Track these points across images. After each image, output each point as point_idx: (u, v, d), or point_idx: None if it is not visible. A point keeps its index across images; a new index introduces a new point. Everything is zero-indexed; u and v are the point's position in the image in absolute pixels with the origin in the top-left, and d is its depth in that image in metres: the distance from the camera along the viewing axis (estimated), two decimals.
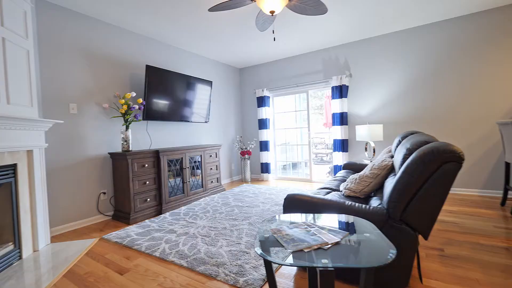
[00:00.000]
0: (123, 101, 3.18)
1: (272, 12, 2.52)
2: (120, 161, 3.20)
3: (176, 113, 4.09)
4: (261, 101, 5.50)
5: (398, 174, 1.49)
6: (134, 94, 3.31)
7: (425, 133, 2.06)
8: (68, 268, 2.06)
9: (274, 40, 2.50)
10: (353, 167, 3.37)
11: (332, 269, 0.99)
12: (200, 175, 4.21)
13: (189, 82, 4.25)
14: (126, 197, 3.16)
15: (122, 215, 3.19)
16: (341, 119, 4.58)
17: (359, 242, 1.17)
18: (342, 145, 4.59)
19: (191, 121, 4.41)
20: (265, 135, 5.50)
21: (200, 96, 4.52)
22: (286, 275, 1.83)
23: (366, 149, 3.98)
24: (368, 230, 1.30)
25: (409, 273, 1.48)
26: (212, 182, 4.46)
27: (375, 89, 4.31)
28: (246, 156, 5.47)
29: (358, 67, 4.45)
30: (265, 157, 5.51)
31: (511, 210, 2.74)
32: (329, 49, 4.74)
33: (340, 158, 4.63)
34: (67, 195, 2.94)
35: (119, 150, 3.48)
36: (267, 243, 1.22)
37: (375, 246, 1.12)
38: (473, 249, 2.05)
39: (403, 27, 3.94)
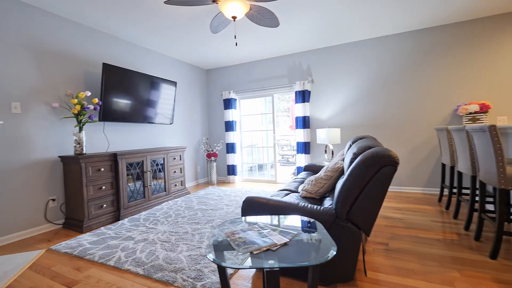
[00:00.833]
0: (75, 100, 2.97)
1: (234, 17, 2.56)
2: (72, 165, 2.99)
3: (138, 115, 3.93)
4: (228, 103, 5.51)
5: (345, 177, 1.62)
6: (89, 93, 3.11)
7: (372, 138, 2.25)
8: (6, 284, 1.87)
9: (236, 45, 2.54)
10: (313, 169, 3.55)
11: (278, 269, 1.05)
12: (163, 179, 4.09)
13: (152, 82, 4.10)
14: (79, 203, 2.96)
15: (74, 223, 2.98)
16: (304, 122, 4.78)
17: (306, 241, 1.25)
18: (304, 148, 4.79)
19: (155, 123, 4.26)
20: (231, 137, 5.51)
21: (164, 97, 4.39)
22: (244, 276, 1.87)
23: (325, 151, 4.21)
24: (316, 230, 1.39)
25: (354, 268, 1.61)
26: (176, 185, 4.35)
27: (334, 95, 4.58)
28: (212, 158, 5.43)
29: (320, 73, 4.69)
30: (232, 159, 5.53)
31: (446, 205, 3.11)
32: (293, 55, 4.92)
33: (303, 160, 4.82)
34: (8, 203, 2.65)
35: (72, 153, 3.24)
36: (220, 247, 1.25)
37: (319, 245, 1.21)
38: (413, 242, 2.29)
39: (359, 38, 4.25)
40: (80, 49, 3.35)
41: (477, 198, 3.04)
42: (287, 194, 2.46)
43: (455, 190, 3.59)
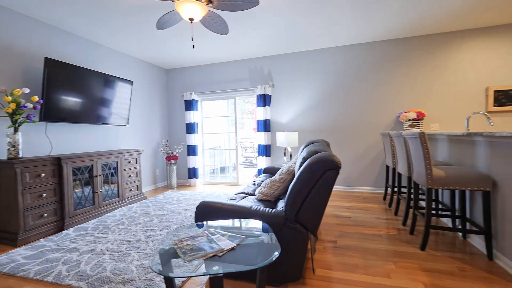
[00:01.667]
0: (9, 98, 2.65)
1: (191, 19, 2.53)
2: (4, 170, 2.65)
3: (90, 115, 3.64)
4: (189, 105, 5.39)
5: (294, 180, 1.70)
6: (27, 90, 2.79)
7: (322, 142, 2.39)
8: None
9: (194, 47, 2.51)
10: (272, 171, 3.64)
11: (221, 274, 1.06)
12: (116, 183, 3.84)
13: (106, 80, 3.83)
14: (12, 213, 2.63)
15: (6, 236, 2.64)
16: (265, 125, 4.88)
17: (252, 245, 1.29)
18: (265, 150, 4.89)
19: (109, 124, 3.98)
20: (193, 139, 5.40)
21: (120, 95, 4.13)
22: (197, 282, 1.84)
23: (285, 154, 4.35)
24: (264, 233, 1.43)
25: (302, 267, 1.70)
26: (131, 190, 4.12)
27: (293, 100, 4.77)
28: (172, 161, 5.26)
29: (280, 78, 4.84)
30: (193, 161, 5.41)
31: (388, 203, 3.43)
32: (254, 59, 5.00)
33: (264, 162, 4.92)
34: None
35: (4, 157, 2.88)
36: (167, 256, 1.22)
37: (264, 248, 1.26)
38: (359, 239, 2.49)
39: (316, 47, 4.49)
40: (18, 41, 3.00)
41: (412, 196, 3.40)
42: (244, 198, 2.49)
43: (396, 189, 3.98)
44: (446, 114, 3.93)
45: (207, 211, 1.88)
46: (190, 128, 5.40)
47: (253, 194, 2.65)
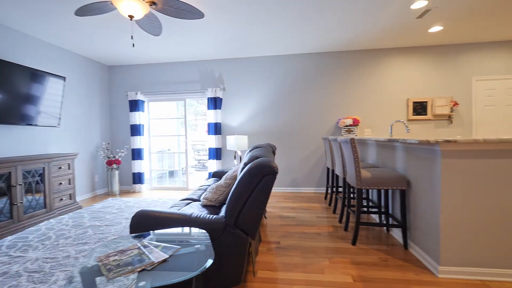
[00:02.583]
0: None
1: (130, 17, 2.38)
2: None
3: (10, 114, 3.13)
4: (135, 105, 5.04)
5: (234, 186, 1.73)
6: None
7: (266, 147, 2.48)
8: None
9: (134, 46, 2.36)
10: (221, 175, 3.62)
11: None
12: (43, 192, 3.38)
13: (32, 75, 3.35)
14: None
15: None
16: (216, 128, 4.85)
17: (186, 255, 1.27)
18: (216, 153, 4.85)
19: (36, 125, 3.48)
20: (138, 142, 5.06)
21: (50, 92, 3.65)
22: None
23: (235, 157, 4.38)
24: (200, 242, 1.42)
25: (243, 271, 1.72)
26: (62, 199, 3.67)
27: (244, 104, 4.84)
28: (114, 165, 4.84)
29: (231, 82, 4.87)
30: (138, 166, 5.07)
31: (328, 202, 3.72)
32: (205, 61, 4.93)
33: (214, 166, 4.88)
34: None
35: None
36: (89, 275, 1.12)
37: (198, 257, 1.25)
38: (300, 238, 2.64)
39: (266, 54, 4.64)
40: None
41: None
42: (188, 204, 2.43)
43: (334, 190, 4.33)
44: (376, 121, 4.45)
45: (144, 221, 1.78)
46: (135, 130, 5.05)
47: (198, 200, 2.60)
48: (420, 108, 4.26)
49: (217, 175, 3.65)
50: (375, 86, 4.44)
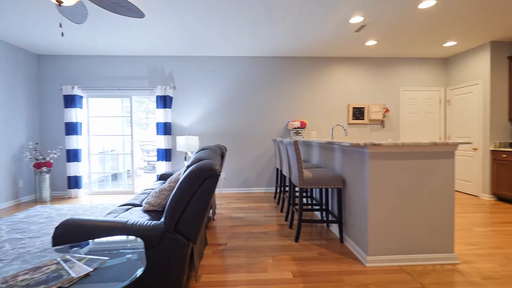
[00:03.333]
0: None
1: (59, 2, 2.12)
2: None
3: None
4: (71, 101, 4.51)
5: (174, 189, 1.67)
6: None
7: (213, 149, 2.45)
8: None
9: (62, 35, 2.11)
10: (168, 178, 3.48)
11: None
12: None
13: None
14: None
15: None
16: (165, 128, 4.63)
17: (114, 266, 1.18)
18: (165, 155, 4.64)
19: None
20: (75, 142, 4.55)
21: None
22: None
23: (185, 158, 4.25)
24: (133, 250, 1.34)
25: (183, 277, 1.68)
26: None
27: (196, 103, 4.72)
28: (44, 168, 4.27)
29: (182, 80, 4.71)
30: (75, 169, 4.56)
31: (277, 201, 3.86)
32: (154, 57, 4.68)
33: (163, 168, 4.65)
34: None
35: None
36: None
37: (128, 267, 1.17)
38: (247, 238, 2.68)
39: (218, 54, 4.60)
40: None
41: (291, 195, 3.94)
42: (127, 210, 2.27)
43: (282, 189, 4.53)
44: (322, 124, 4.77)
45: (72, 232, 1.61)
46: (71, 128, 4.53)
47: (140, 205, 2.45)
48: (358, 113, 4.70)
49: (165, 177, 3.49)
50: (321, 92, 4.76)
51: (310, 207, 3.55)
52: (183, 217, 1.64)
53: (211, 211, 3.10)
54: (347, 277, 1.94)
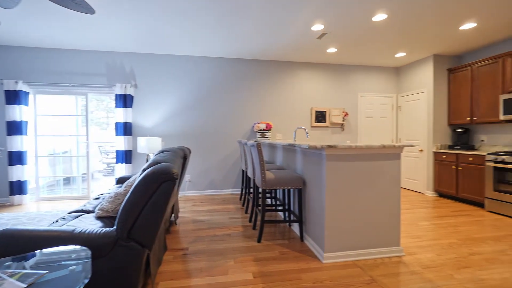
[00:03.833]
0: None
1: None
2: None
3: None
4: (14, 97, 4.06)
5: (128, 194, 1.59)
6: None
7: (174, 151, 2.39)
8: None
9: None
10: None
11: None
12: None
13: None
14: None
15: None
16: (125, 129, 4.39)
17: (54, 280, 1.09)
18: (125, 157, 4.39)
19: None
20: (19, 143, 4.10)
21: None
22: None
23: (147, 161, 4.06)
24: (79, 261, 1.25)
25: (137, 286, 1.60)
26: None
27: (159, 103, 4.55)
28: None
29: (145, 79, 4.50)
30: (19, 172, 4.10)
31: (242, 203, 3.87)
32: (114, 53, 4.41)
33: (123, 170, 4.40)
34: None
35: None
36: None
37: (69, 281, 1.09)
38: (210, 241, 2.65)
39: (184, 53, 4.49)
40: None
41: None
42: (77, 217, 2.11)
43: (247, 190, 4.57)
44: (287, 126, 4.91)
45: (9, 243, 1.45)
46: (15, 128, 4.07)
47: (93, 211, 2.29)
48: (320, 116, 4.93)
49: (123, 181, 3.30)
50: (286, 95, 4.89)
51: (274, 207, 3.63)
52: (137, 223, 1.57)
53: (173, 215, 3.00)
54: (305, 274, 2.02)
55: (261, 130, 4.46)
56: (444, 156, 4.26)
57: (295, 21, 3.26)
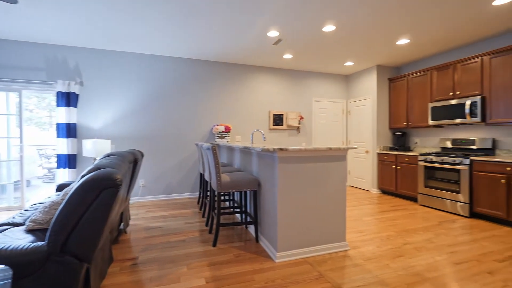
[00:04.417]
0: None
1: None
2: None
3: None
4: None
5: (62, 204, 1.45)
6: None
7: (121, 154, 2.24)
8: None
9: None
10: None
11: None
12: None
13: None
14: None
15: None
16: (68, 130, 3.98)
17: None
18: (68, 161, 3.99)
19: None
20: None
21: None
22: None
23: None
24: None
25: None
26: None
27: (109, 103, 4.23)
28: None
29: (92, 76, 4.15)
30: None
31: (200, 207, 3.80)
32: (55, 46, 3.98)
33: (66, 176, 3.99)
34: None
35: None
36: None
37: None
38: (163, 249, 2.54)
39: (137, 51, 4.25)
40: None
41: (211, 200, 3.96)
42: (4, 230, 1.85)
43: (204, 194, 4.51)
44: (246, 129, 4.96)
45: None
46: None
47: (23, 224, 2.03)
48: (278, 119, 5.09)
49: (64, 188, 2.99)
50: (245, 97, 4.95)
51: (232, 210, 3.63)
52: (73, 235, 1.44)
53: (122, 223, 2.81)
54: (258, 275, 2.06)
55: (220, 132, 4.44)
56: (385, 157, 4.73)
57: (251, 26, 3.32)
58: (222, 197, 4.13)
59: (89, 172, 1.63)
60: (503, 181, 3.09)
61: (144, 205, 4.16)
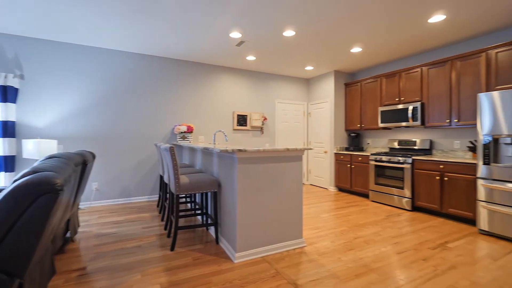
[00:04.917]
0: None
1: None
2: None
3: None
4: None
5: None
6: None
7: (66, 157, 2.06)
8: None
9: None
10: None
11: None
12: None
13: None
14: None
15: None
16: (5, 129, 3.54)
17: None
18: (5, 163, 3.54)
19: None
20: None
21: None
22: None
23: None
24: None
25: None
26: None
27: (56, 100, 3.85)
28: None
29: (35, 69, 3.74)
30: None
31: (159, 210, 3.66)
32: None
33: (2, 180, 3.54)
34: None
35: None
36: None
37: None
38: (115, 256, 2.39)
39: (91, 44, 3.93)
40: None
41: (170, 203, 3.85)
42: None
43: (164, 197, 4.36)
44: (209, 129, 4.90)
45: None
46: None
47: None
48: (242, 120, 5.12)
49: None
50: (209, 98, 4.88)
51: (193, 212, 3.56)
52: (1, 248, 1.29)
53: (69, 231, 2.58)
54: (216, 277, 2.05)
55: (182, 132, 4.31)
56: (342, 157, 5.05)
57: (212, 25, 3.29)
58: (183, 199, 4.02)
59: (23, 176, 1.47)
60: (437, 177, 3.51)
61: (97, 210, 3.87)
